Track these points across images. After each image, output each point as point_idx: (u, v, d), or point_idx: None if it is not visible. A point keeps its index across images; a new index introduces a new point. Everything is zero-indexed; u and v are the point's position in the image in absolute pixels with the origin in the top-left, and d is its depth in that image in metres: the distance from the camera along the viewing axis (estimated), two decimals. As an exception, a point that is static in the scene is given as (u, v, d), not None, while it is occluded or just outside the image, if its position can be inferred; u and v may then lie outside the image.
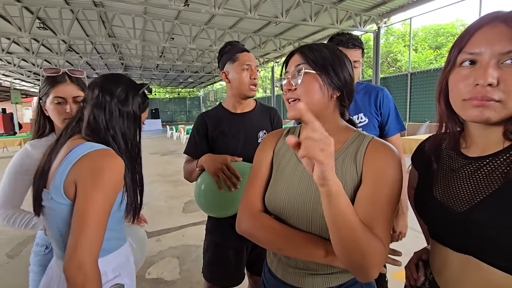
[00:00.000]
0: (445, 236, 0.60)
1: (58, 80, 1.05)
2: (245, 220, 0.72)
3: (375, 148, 0.67)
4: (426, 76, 8.10)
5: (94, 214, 0.68)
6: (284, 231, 0.68)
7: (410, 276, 0.73)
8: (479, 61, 0.51)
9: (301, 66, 0.67)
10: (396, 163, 0.63)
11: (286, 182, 0.72)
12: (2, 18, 7.42)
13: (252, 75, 1.21)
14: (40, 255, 1.10)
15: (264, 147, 0.81)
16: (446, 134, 0.64)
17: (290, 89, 0.68)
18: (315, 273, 0.70)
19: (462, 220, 0.55)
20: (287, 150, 0.77)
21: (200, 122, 1.29)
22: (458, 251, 0.57)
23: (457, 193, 0.57)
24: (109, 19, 7.87)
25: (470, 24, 0.54)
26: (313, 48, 0.70)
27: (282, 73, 0.73)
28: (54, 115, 1.06)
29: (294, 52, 0.72)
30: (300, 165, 0.72)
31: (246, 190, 0.77)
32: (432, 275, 0.66)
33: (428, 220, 0.64)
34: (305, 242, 0.65)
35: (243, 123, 1.26)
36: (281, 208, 0.70)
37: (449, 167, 0.62)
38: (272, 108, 1.39)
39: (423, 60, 16.24)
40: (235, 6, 6.94)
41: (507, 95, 0.48)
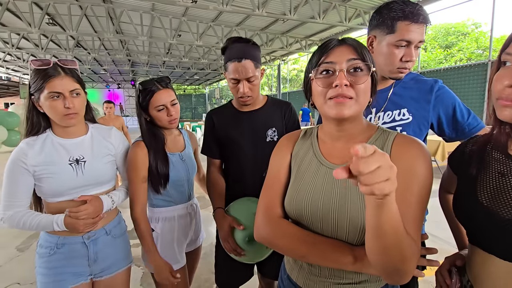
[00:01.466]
0: (491, 243, 0.56)
1: (51, 74, 0.95)
2: (264, 226, 0.69)
3: (402, 144, 0.63)
4: (436, 76, 7.97)
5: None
6: (307, 238, 0.64)
7: (442, 282, 0.70)
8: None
9: (359, 62, 0.61)
10: (426, 159, 0.60)
11: (308, 186, 0.68)
12: (12, 14, 7.48)
13: (240, 90, 1.12)
14: (45, 257, 1.05)
15: (281, 151, 0.78)
16: (491, 136, 0.60)
17: (347, 84, 0.60)
18: (341, 282, 0.66)
19: (509, 226, 0.51)
20: (306, 153, 0.74)
21: (208, 121, 1.29)
22: (505, 259, 0.53)
23: (506, 198, 0.54)
24: (117, 15, 7.87)
25: None
26: (362, 44, 0.65)
27: (320, 62, 0.65)
28: (51, 112, 0.98)
29: (341, 42, 0.65)
30: (322, 167, 0.68)
31: (264, 195, 0.74)
32: (470, 282, 0.62)
33: (471, 226, 0.60)
34: (331, 249, 0.62)
35: (250, 122, 1.21)
36: (304, 213, 0.66)
37: (497, 171, 0.58)
38: (285, 102, 1.30)
39: (433, 60, 16.02)
40: (243, 3, 6.89)
41: None
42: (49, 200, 1.03)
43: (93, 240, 1.09)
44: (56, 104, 0.96)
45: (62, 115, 0.98)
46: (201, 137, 11.37)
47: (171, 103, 1.19)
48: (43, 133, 1.03)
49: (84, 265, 1.09)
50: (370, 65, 0.62)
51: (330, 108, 0.62)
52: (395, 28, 0.91)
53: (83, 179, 1.03)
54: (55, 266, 1.04)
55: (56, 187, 1.00)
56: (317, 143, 0.74)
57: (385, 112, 1.02)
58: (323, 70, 0.63)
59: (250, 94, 1.14)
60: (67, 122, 1.00)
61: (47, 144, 1.01)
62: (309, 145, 0.75)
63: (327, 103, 0.63)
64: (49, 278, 1.04)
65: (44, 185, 0.99)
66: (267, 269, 1.27)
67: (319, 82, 0.64)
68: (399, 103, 1.02)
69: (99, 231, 1.11)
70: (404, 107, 1.01)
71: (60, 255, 1.05)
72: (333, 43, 0.64)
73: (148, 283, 2.16)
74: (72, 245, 1.06)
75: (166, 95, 1.18)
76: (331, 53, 0.63)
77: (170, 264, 1.19)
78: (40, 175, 0.98)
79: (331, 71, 0.62)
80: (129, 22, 7.95)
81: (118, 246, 1.18)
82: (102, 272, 1.13)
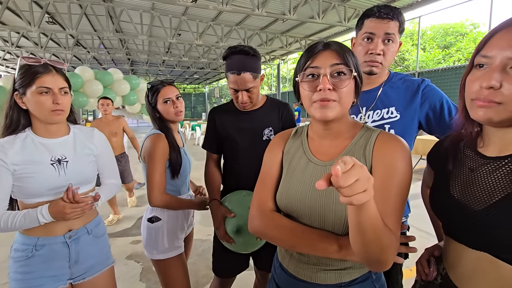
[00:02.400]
0: (461, 234, 0.61)
1: (42, 70, 0.97)
2: (257, 219, 0.74)
3: (384, 141, 0.68)
4: (434, 76, 8.02)
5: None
6: (297, 229, 0.69)
7: (421, 271, 0.75)
8: (489, 64, 0.53)
9: (342, 67, 0.65)
10: (405, 155, 0.65)
11: (298, 181, 0.73)
12: (12, 12, 7.50)
13: (239, 98, 1.20)
14: (22, 261, 0.99)
15: (273, 148, 0.83)
16: (464, 133, 0.65)
17: (330, 88, 0.64)
18: (328, 268, 0.71)
19: (479, 218, 0.56)
20: (296, 150, 0.79)
21: (210, 117, 1.36)
22: (473, 248, 0.58)
23: (475, 192, 0.58)
24: (117, 14, 7.89)
25: (493, 28, 0.55)
26: (346, 48, 0.68)
27: (306, 66, 0.68)
28: (38, 107, 0.97)
29: (326, 46, 0.68)
30: (310, 164, 0.74)
31: (257, 190, 0.79)
32: (445, 270, 0.67)
33: (444, 217, 0.65)
34: (318, 238, 0.66)
35: (249, 121, 1.28)
36: (294, 206, 0.71)
37: (467, 166, 0.63)
38: (283, 103, 1.36)
39: (431, 60, 16.07)
40: (243, 3, 6.92)
41: (507, 98, 0.51)
42: (26, 201, 0.99)
43: (74, 239, 1.06)
44: (44, 99, 0.96)
45: (49, 111, 0.98)
46: (200, 135, 11.26)
47: (175, 96, 1.35)
48: (22, 132, 1.01)
49: (64, 267, 1.05)
50: (352, 69, 0.66)
51: (315, 111, 0.66)
52: (362, 26, 1.03)
53: (65, 179, 1.01)
54: (32, 271, 0.99)
55: (37, 187, 0.97)
56: (307, 141, 0.79)
57: (374, 111, 1.07)
58: (309, 74, 0.67)
59: (249, 101, 1.22)
60: (53, 119, 1.00)
61: (27, 143, 0.99)
62: (300, 143, 0.80)
63: (313, 106, 0.67)
64: (26, 283, 0.99)
65: (24, 185, 0.96)
66: (262, 263, 1.35)
67: (305, 86, 0.68)
68: (388, 102, 1.06)
69: (80, 230, 1.09)
70: (392, 105, 1.05)
71: (38, 257, 1.00)
72: (318, 47, 0.68)
73: (147, 278, 2.20)
74: (53, 245, 1.02)
75: (171, 90, 1.35)
76: (316, 58, 0.67)
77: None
78: (21, 174, 0.95)
79: (316, 75, 0.66)
80: (129, 21, 7.98)
81: (99, 246, 1.16)
82: (84, 274, 1.10)
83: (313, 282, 0.72)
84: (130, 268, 2.35)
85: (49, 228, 1.01)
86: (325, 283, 0.71)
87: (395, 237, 0.59)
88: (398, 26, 0.99)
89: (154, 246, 1.30)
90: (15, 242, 1.03)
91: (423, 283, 0.75)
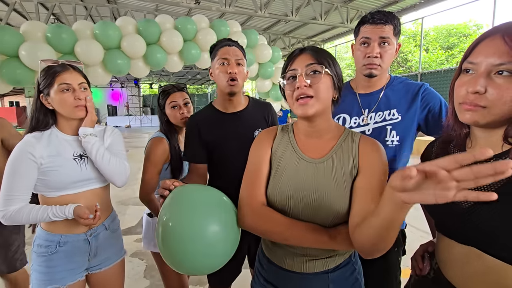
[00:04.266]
0: (451, 230, 0.65)
1: (61, 69, 1.04)
2: (249, 215, 0.77)
3: (366, 143, 0.77)
4: (437, 77, 8.01)
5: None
6: (289, 222, 0.74)
7: (416, 266, 0.78)
8: (475, 70, 0.57)
9: (315, 66, 0.72)
10: (384, 156, 0.74)
11: (290, 177, 0.77)
12: (18, 14, 7.61)
13: (228, 69, 1.11)
14: (45, 256, 1.06)
15: (261, 145, 0.85)
16: (453, 135, 0.68)
17: (306, 85, 0.71)
18: (316, 258, 0.77)
19: (466, 215, 0.60)
20: (285, 148, 0.82)
21: (190, 125, 1.22)
22: (462, 243, 0.62)
23: None
24: (121, 15, 7.98)
25: (479, 35, 0.59)
26: (320, 50, 0.76)
27: (286, 70, 0.77)
28: (62, 105, 1.04)
29: (302, 51, 0.76)
30: (301, 161, 0.78)
31: (246, 187, 0.81)
32: (437, 265, 0.71)
33: (435, 215, 0.69)
34: (310, 231, 0.71)
35: (237, 124, 1.19)
36: (286, 201, 0.75)
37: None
38: (265, 103, 1.33)
39: (434, 61, 16.03)
40: (246, 4, 6.98)
41: (491, 103, 0.54)
42: (49, 194, 1.05)
43: (95, 236, 1.15)
44: (66, 96, 1.03)
45: (72, 107, 1.05)
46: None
47: (183, 102, 1.40)
48: (47, 129, 1.07)
49: (84, 260, 1.13)
50: (326, 68, 0.73)
51: (297, 109, 0.74)
52: (359, 32, 1.09)
53: (86, 174, 1.09)
54: (54, 265, 1.07)
55: (61, 180, 1.03)
56: (294, 139, 0.83)
57: (376, 112, 1.12)
58: (289, 77, 0.75)
59: (238, 77, 1.13)
60: (76, 114, 1.07)
61: (52, 139, 1.06)
62: (287, 141, 0.84)
63: (295, 105, 0.74)
64: (48, 276, 1.06)
65: (49, 178, 1.02)
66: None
67: (287, 87, 0.76)
68: (390, 104, 1.11)
69: (99, 227, 1.17)
70: (394, 107, 1.09)
71: (61, 253, 1.08)
72: (296, 52, 0.77)
73: (151, 275, 2.25)
74: (75, 242, 1.10)
75: (179, 95, 1.40)
76: (294, 61, 0.75)
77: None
78: (46, 168, 1.01)
79: (295, 76, 0.74)
80: (133, 22, 8.07)
81: (115, 239, 1.24)
82: (100, 265, 1.18)
83: (303, 272, 0.78)
84: (134, 265, 2.40)
85: (72, 226, 1.09)
86: (314, 271, 0.77)
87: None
88: (393, 29, 1.04)
89: (151, 239, 1.38)
90: (38, 238, 1.10)
91: (417, 278, 0.79)
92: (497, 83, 0.54)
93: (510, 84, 0.52)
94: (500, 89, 0.53)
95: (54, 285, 1.07)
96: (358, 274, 0.83)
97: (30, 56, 3.82)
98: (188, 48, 4.79)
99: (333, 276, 0.78)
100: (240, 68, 1.15)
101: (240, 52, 1.16)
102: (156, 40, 4.64)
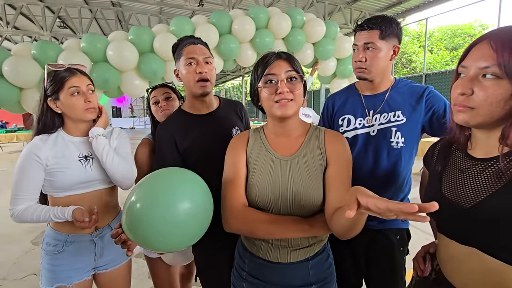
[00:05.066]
0: (451, 231, 0.66)
1: (69, 74, 1.06)
2: (233, 217, 0.81)
3: (331, 137, 0.85)
4: (442, 78, 7.95)
5: None
6: (272, 218, 0.79)
7: (417, 267, 0.79)
8: (466, 73, 0.59)
9: (294, 73, 0.80)
10: (348, 147, 0.84)
11: (267, 176, 0.82)
12: (25, 18, 7.73)
13: (198, 69, 1.04)
14: (53, 254, 1.10)
15: (236, 150, 0.89)
16: (455, 136, 0.69)
17: (287, 90, 0.78)
18: (298, 248, 0.82)
19: (467, 216, 0.60)
20: (259, 150, 0.87)
21: (162, 134, 1.12)
22: (463, 243, 0.62)
23: (464, 191, 0.63)
24: (126, 18, 8.07)
25: (472, 41, 0.61)
26: (293, 57, 0.83)
27: (264, 73, 0.81)
28: (72, 108, 1.06)
29: (277, 57, 0.81)
30: (275, 160, 0.84)
31: (228, 190, 0.85)
32: (438, 266, 0.71)
33: (436, 216, 0.69)
34: (292, 222, 0.78)
35: (213, 124, 1.13)
36: (266, 199, 0.80)
37: (457, 167, 0.67)
38: (237, 102, 1.30)
39: (438, 61, 15.91)
40: (249, 6, 7.00)
41: (478, 104, 0.57)
42: (57, 195, 1.08)
43: (100, 237, 1.17)
44: (76, 100, 1.06)
45: (83, 110, 1.07)
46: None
47: (164, 96, 1.39)
48: (53, 132, 1.10)
49: (90, 260, 1.15)
50: (301, 75, 0.81)
51: (276, 110, 0.79)
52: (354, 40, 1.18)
53: (91, 175, 1.10)
54: (61, 264, 1.10)
55: (66, 180, 1.06)
56: (266, 140, 0.89)
57: (381, 114, 1.13)
58: (268, 81, 0.80)
59: (209, 76, 1.07)
60: (87, 116, 1.09)
61: (58, 141, 1.08)
62: (260, 142, 0.89)
63: (274, 106, 0.80)
64: (55, 274, 1.10)
65: (55, 179, 1.05)
66: None
67: (266, 90, 0.81)
68: (394, 106, 1.12)
69: (105, 228, 1.18)
70: (399, 109, 1.11)
71: (68, 252, 1.10)
72: (272, 58, 0.81)
73: (155, 276, 2.27)
74: (81, 242, 1.12)
75: (160, 90, 1.40)
76: (272, 67, 0.80)
77: None
78: (52, 169, 1.04)
79: (274, 81, 0.80)
80: (137, 24, 8.14)
81: None
82: (107, 265, 1.20)
83: (287, 262, 0.82)
84: (139, 265, 2.42)
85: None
86: (296, 260, 0.83)
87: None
88: (379, 34, 1.08)
89: None
90: (47, 236, 1.13)
91: (418, 279, 0.79)
92: (484, 85, 0.56)
93: (495, 86, 0.54)
94: (486, 90, 0.55)
95: (61, 283, 1.09)
96: (331, 258, 0.92)
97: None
98: (228, 42, 3.89)
99: (313, 263, 0.84)
100: (210, 66, 1.09)
101: (206, 50, 1.11)
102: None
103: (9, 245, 2.82)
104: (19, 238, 2.97)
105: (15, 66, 2.92)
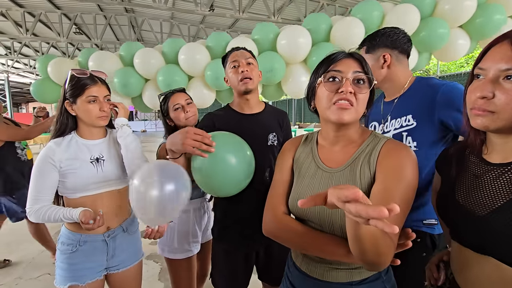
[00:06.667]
0: (466, 238, 0.63)
1: (90, 82, 1.12)
2: (270, 222, 0.79)
3: (389, 148, 0.70)
4: (457, 80, 7.75)
5: None
6: (307, 233, 0.73)
7: (430, 276, 0.76)
8: (484, 76, 0.57)
9: (363, 75, 0.70)
10: (411, 162, 0.67)
11: (308, 187, 0.77)
12: (43, 24, 8.03)
13: (240, 69, 1.16)
14: (67, 253, 1.14)
15: (285, 155, 0.88)
16: (469, 141, 0.67)
17: (351, 91, 0.68)
18: (339, 267, 0.74)
19: (482, 223, 0.58)
20: (306, 157, 0.83)
21: (207, 120, 1.25)
22: (478, 252, 0.60)
23: (479, 197, 0.61)
24: (139, 24, 8.26)
25: (490, 42, 0.59)
26: (365, 60, 0.73)
27: (328, 69, 0.72)
28: (87, 114, 1.13)
29: (349, 55, 0.73)
30: (319, 170, 0.77)
31: (270, 195, 0.84)
32: (452, 275, 0.69)
33: (450, 222, 0.67)
34: (328, 242, 0.70)
35: (252, 124, 1.22)
36: (304, 212, 0.75)
37: (472, 173, 0.65)
38: (281, 111, 1.35)
39: (453, 63, 15.53)
40: (259, 10, 7.05)
41: (500, 108, 0.54)
42: (70, 196, 1.14)
43: (112, 237, 1.20)
44: (92, 107, 1.13)
45: (96, 117, 1.14)
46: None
47: (186, 101, 1.43)
48: (68, 134, 1.16)
49: (102, 260, 1.19)
50: (371, 79, 0.71)
51: (332, 113, 0.70)
52: None
53: (102, 176, 1.15)
54: (76, 263, 1.14)
55: (79, 182, 1.11)
56: (316, 148, 0.82)
57: (395, 119, 1.12)
58: (331, 77, 0.71)
59: (250, 75, 1.16)
60: (99, 123, 1.16)
61: (72, 143, 1.14)
62: (309, 150, 0.84)
63: (331, 108, 0.70)
64: (69, 273, 1.14)
65: (68, 180, 1.10)
66: (266, 276, 1.31)
67: (327, 87, 0.71)
68: (405, 110, 1.09)
69: (117, 228, 1.22)
70: (409, 113, 1.07)
71: (81, 252, 1.14)
72: (342, 55, 0.72)
73: (165, 278, 2.28)
74: (94, 242, 1.16)
75: (180, 96, 1.44)
76: (339, 63, 0.71)
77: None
78: (65, 170, 1.09)
79: (338, 78, 0.70)
80: (149, 30, 8.32)
81: (133, 241, 1.29)
82: (118, 265, 1.23)
83: (325, 280, 0.75)
84: (149, 267, 2.45)
85: None
86: (336, 281, 0.74)
87: (392, 243, 0.60)
88: (365, 50, 1.19)
89: (165, 244, 1.40)
90: (62, 235, 1.18)
91: (432, 288, 0.77)
92: (505, 88, 0.53)
93: None
94: (508, 94, 0.53)
95: (74, 282, 1.13)
96: None
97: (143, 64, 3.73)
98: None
99: None
100: (251, 66, 1.19)
101: (248, 53, 1.22)
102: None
103: (26, 244, 2.90)
104: (32, 239, 3.05)
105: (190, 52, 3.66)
